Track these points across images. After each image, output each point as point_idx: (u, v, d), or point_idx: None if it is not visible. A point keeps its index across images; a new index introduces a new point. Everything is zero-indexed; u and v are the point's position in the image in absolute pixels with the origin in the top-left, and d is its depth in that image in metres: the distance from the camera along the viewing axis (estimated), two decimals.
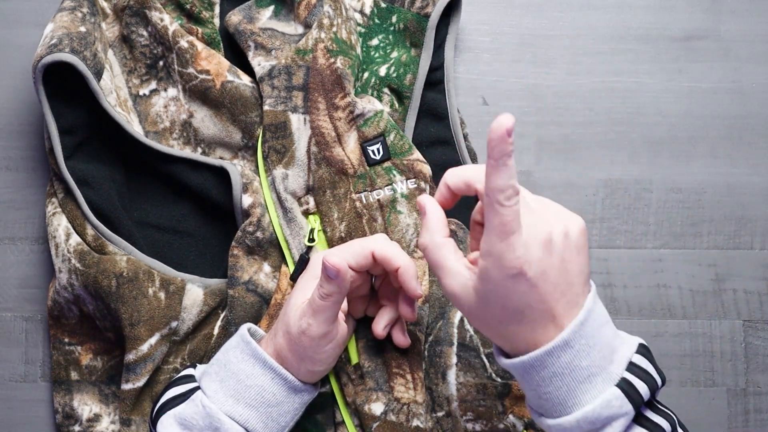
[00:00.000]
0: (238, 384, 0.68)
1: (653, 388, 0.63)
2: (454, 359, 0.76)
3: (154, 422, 0.69)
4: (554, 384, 0.62)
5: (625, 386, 0.62)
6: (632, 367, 0.63)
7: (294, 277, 0.75)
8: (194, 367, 0.72)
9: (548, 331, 0.62)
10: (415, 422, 0.73)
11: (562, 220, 0.62)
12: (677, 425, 0.64)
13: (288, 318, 0.68)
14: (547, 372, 0.62)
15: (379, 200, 0.76)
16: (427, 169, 0.77)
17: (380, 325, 0.73)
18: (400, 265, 0.70)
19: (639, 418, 0.63)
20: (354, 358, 0.74)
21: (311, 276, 0.71)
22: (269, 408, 0.68)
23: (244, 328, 0.71)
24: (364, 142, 0.76)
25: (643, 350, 0.64)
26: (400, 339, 0.74)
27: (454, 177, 0.65)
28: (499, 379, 0.75)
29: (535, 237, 0.60)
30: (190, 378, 0.70)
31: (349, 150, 0.76)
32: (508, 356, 0.64)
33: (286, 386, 0.69)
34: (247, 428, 0.67)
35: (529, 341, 0.62)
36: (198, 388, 0.69)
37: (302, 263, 0.74)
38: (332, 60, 0.76)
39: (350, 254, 0.70)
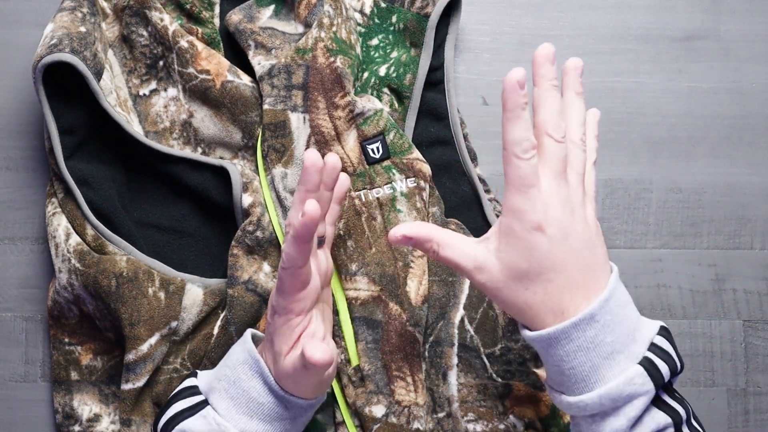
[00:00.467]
0: (250, 401, 0.67)
1: (674, 371, 0.63)
2: (455, 360, 0.76)
3: None
4: (578, 359, 0.62)
5: (647, 365, 0.62)
6: (654, 348, 0.63)
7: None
8: (195, 375, 0.71)
9: (573, 304, 0.62)
10: (416, 425, 0.73)
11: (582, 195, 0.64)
12: (691, 415, 0.64)
13: (279, 366, 0.67)
14: (572, 346, 0.62)
15: (378, 198, 0.76)
16: (426, 168, 0.77)
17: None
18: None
19: (657, 401, 0.63)
20: (354, 360, 0.74)
21: (276, 324, 0.68)
22: (283, 421, 0.68)
23: (249, 338, 0.69)
24: (363, 141, 0.76)
25: (664, 332, 0.65)
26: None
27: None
28: (499, 380, 0.75)
29: (556, 197, 0.62)
30: (194, 390, 0.70)
31: (349, 148, 0.76)
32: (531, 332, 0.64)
33: (290, 404, 0.68)
34: None
35: (556, 311, 0.62)
36: (205, 401, 0.68)
37: None
38: (332, 59, 0.76)
39: (294, 288, 0.67)
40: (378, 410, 0.73)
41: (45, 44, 0.74)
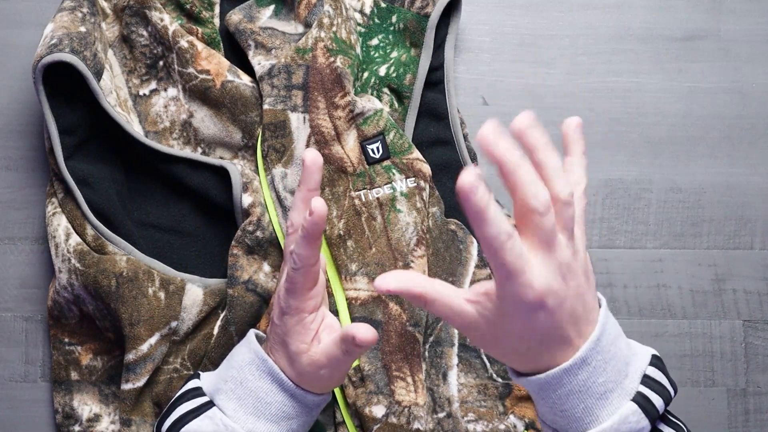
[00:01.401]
0: (258, 402, 0.67)
1: (667, 400, 0.62)
2: (455, 360, 0.76)
3: None
4: (571, 401, 0.61)
5: (641, 400, 0.61)
6: (647, 380, 0.62)
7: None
8: (197, 376, 0.71)
9: (566, 352, 0.60)
10: (416, 425, 0.73)
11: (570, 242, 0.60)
12: None
13: (296, 367, 0.67)
14: (564, 390, 0.61)
15: (378, 198, 0.76)
16: (426, 168, 0.77)
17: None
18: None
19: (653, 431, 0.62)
20: (354, 361, 0.74)
21: (290, 324, 0.68)
22: (289, 421, 0.68)
23: (253, 338, 0.69)
24: (363, 141, 0.76)
25: (656, 361, 0.64)
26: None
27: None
28: (500, 380, 0.75)
29: (549, 269, 0.57)
30: (199, 391, 0.69)
31: (349, 148, 0.76)
32: (521, 374, 0.62)
33: (305, 401, 0.68)
34: None
35: (548, 361, 0.61)
36: (210, 403, 0.68)
37: None
38: (332, 59, 0.76)
39: (305, 287, 0.67)
40: (378, 410, 0.73)
41: (45, 44, 0.74)
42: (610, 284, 0.81)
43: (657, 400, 0.62)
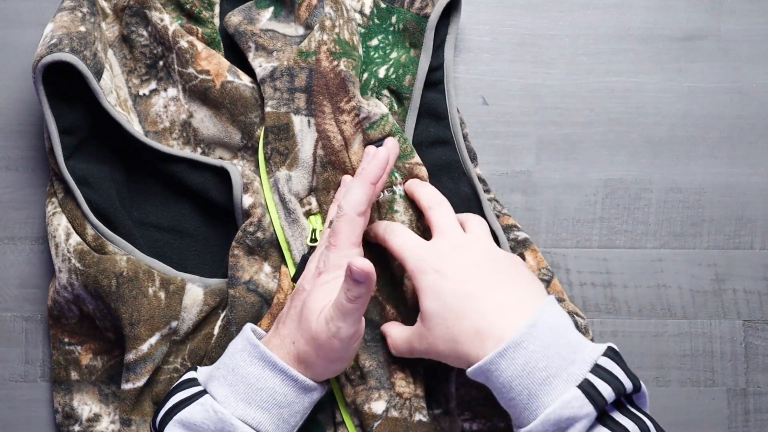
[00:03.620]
0: (249, 388, 0.68)
1: (619, 391, 0.63)
2: None
3: (160, 428, 0.68)
4: (515, 388, 0.64)
5: (586, 386, 0.63)
6: (597, 369, 0.64)
7: (296, 278, 0.74)
8: (195, 369, 0.72)
9: (488, 324, 0.66)
10: (418, 416, 0.73)
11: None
12: (650, 430, 0.63)
13: (311, 324, 0.67)
14: (505, 376, 0.64)
15: (378, 201, 0.76)
16: (424, 173, 0.77)
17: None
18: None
19: (604, 419, 0.63)
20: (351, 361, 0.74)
21: (323, 280, 0.70)
22: (281, 409, 0.68)
23: (248, 329, 0.70)
24: (368, 144, 0.76)
25: (611, 353, 0.65)
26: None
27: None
28: None
29: (438, 244, 0.71)
30: (193, 382, 0.70)
31: (353, 152, 0.76)
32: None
33: (296, 386, 0.68)
34: (260, 431, 0.67)
35: (474, 336, 0.66)
36: (203, 392, 0.69)
37: (304, 263, 0.74)
38: (335, 62, 0.76)
39: (349, 240, 0.70)
40: (378, 406, 0.73)
41: (45, 44, 0.74)
42: (610, 284, 0.81)
43: (605, 389, 0.63)
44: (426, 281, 0.69)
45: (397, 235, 0.72)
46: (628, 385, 0.64)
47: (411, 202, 0.76)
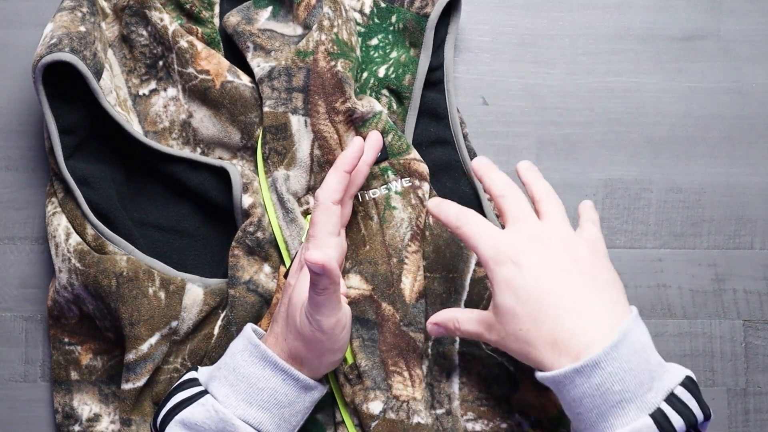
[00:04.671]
0: (250, 387, 0.68)
1: (690, 423, 0.62)
2: (457, 359, 0.76)
3: (161, 429, 0.68)
4: (585, 405, 0.62)
5: (659, 417, 0.61)
6: (672, 399, 0.62)
7: (288, 274, 0.75)
8: (195, 369, 0.72)
9: (566, 332, 0.64)
10: (416, 419, 0.73)
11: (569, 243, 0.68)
12: None
13: (296, 320, 0.68)
14: (578, 392, 0.62)
15: (374, 199, 0.76)
16: (423, 168, 0.77)
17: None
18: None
19: None
20: (349, 359, 0.74)
21: (305, 273, 0.70)
22: (282, 409, 0.68)
23: (249, 329, 0.70)
24: None
25: (688, 383, 0.63)
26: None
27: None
28: (511, 368, 0.75)
29: (519, 236, 0.68)
30: (194, 382, 0.70)
31: None
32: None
33: (297, 386, 0.69)
34: (261, 431, 0.67)
35: (551, 342, 0.64)
36: (204, 392, 0.69)
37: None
38: (333, 63, 0.76)
39: (325, 230, 0.70)
40: (375, 406, 0.73)
41: (45, 44, 0.74)
42: None
43: (677, 421, 0.61)
44: (501, 273, 0.66)
45: (470, 221, 0.69)
46: (699, 417, 0.63)
47: (409, 198, 0.76)
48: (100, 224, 0.76)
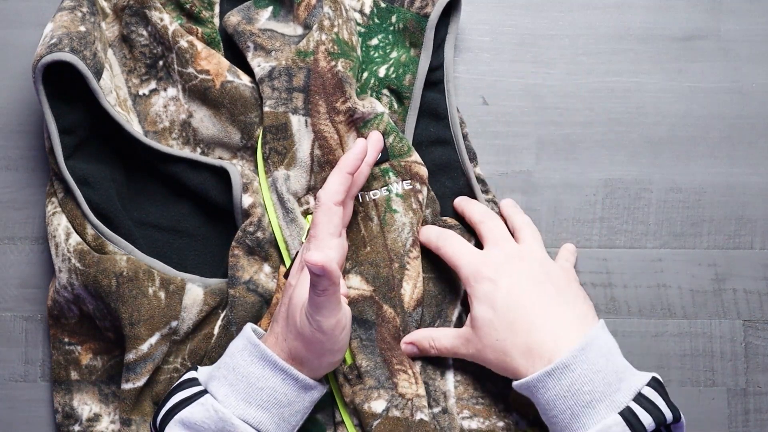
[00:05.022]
0: (249, 387, 0.68)
1: (659, 421, 0.65)
2: (451, 360, 0.76)
3: (160, 428, 0.68)
4: (558, 407, 0.66)
5: (628, 414, 0.65)
6: (640, 398, 0.66)
7: (288, 274, 0.74)
8: (195, 369, 0.72)
9: (538, 342, 0.68)
10: (419, 415, 0.73)
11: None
12: None
13: (296, 320, 0.68)
14: (550, 394, 0.66)
15: (374, 200, 0.76)
16: (424, 171, 0.77)
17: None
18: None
19: None
20: (348, 359, 0.74)
21: (306, 273, 0.70)
22: (281, 408, 0.68)
23: (249, 329, 0.70)
24: None
25: (654, 384, 0.67)
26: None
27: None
28: None
29: (492, 252, 0.73)
30: (194, 382, 0.70)
31: (347, 150, 0.76)
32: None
33: (297, 386, 0.69)
34: (260, 430, 0.67)
35: (525, 352, 0.69)
36: (204, 391, 0.69)
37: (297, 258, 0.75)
38: (333, 63, 0.76)
39: (326, 230, 0.70)
40: (378, 405, 0.73)
41: (45, 44, 0.74)
42: (610, 284, 0.81)
43: (645, 418, 0.65)
44: (480, 289, 0.71)
45: (452, 243, 0.74)
46: (668, 416, 0.66)
47: (410, 202, 0.76)
48: (100, 224, 0.76)
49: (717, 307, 0.82)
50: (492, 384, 0.76)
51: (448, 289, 0.77)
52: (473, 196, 0.79)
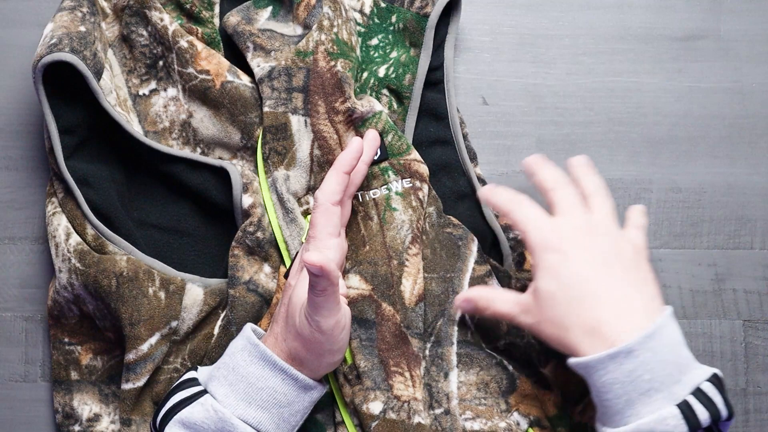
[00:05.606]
0: (249, 387, 0.68)
1: (715, 418, 0.64)
2: (455, 360, 0.76)
3: (160, 428, 0.68)
4: (614, 391, 0.65)
5: (684, 408, 0.64)
6: (698, 393, 0.65)
7: (288, 274, 0.74)
8: (195, 369, 0.72)
9: (604, 322, 0.66)
10: (417, 419, 0.73)
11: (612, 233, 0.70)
12: None
13: (295, 320, 0.68)
14: (609, 377, 0.65)
15: (374, 199, 0.76)
16: (424, 169, 0.77)
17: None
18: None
19: None
20: (348, 359, 0.74)
21: (305, 274, 0.70)
22: (281, 409, 0.68)
23: (248, 329, 0.70)
24: None
25: (715, 380, 0.66)
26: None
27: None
28: (510, 367, 0.75)
29: (561, 221, 0.70)
30: (194, 382, 0.70)
31: None
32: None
33: (296, 386, 0.69)
34: (260, 431, 0.67)
35: (588, 330, 0.66)
36: (204, 391, 0.69)
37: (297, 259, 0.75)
38: (332, 63, 0.76)
39: (325, 231, 0.70)
40: (375, 406, 0.73)
41: (45, 44, 0.74)
42: None
43: (702, 413, 0.64)
44: (546, 260, 0.69)
45: (522, 208, 0.72)
46: (723, 413, 0.65)
47: (410, 200, 0.76)
48: (100, 224, 0.76)
49: (717, 307, 0.82)
50: (495, 385, 0.75)
51: (452, 288, 0.76)
52: (475, 196, 0.79)
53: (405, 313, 0.74)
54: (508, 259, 0.79)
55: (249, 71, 0.79)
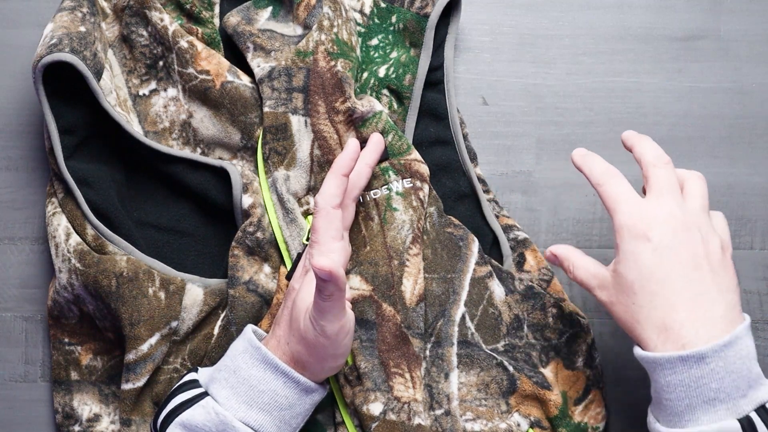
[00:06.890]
0: (251, 389, 0.68)
1: None
2: (455, 361, 0.76)
3: (161, 430, 0.68)
4: (677, 393, 0.64)
5: (746, 424, 0.62)
6: (762, 411, 0.63)
7: (290, 277, 0.74)
8: (195, 371, 0.72)
9: (677, 323, 0.64)
10: (417, 420, 0.73)
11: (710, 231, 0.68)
12: None
13: (299, 324, 0.68)
14: (675, 378, 0.64)
15: (375, 199, 0.76)
16: (424, 169, 0.77)
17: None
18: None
19: None
20: (349, 360, 0.74)
21: (310, 277, 0.70)
22: (282, 411, 0.68)
23: (249, 331, 0.70)
24: (362, 143, 0.76)
25: None
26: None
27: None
28: (510, 368, 0.75)
29: (660, 212, 0.67)
30: (195, 383, 0.70)
31: None
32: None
33: (298, 389, 0.69)
34: None
35: (660, 327, 0.65)
36: (205, 394, 0.69)
37: (298, 262, 0.75)
38: (332, 63, 0.76)
39: (328, 235, 0.70)
40: (375, 407, 0.73)
41: (45, 44, 0.74)
42: None
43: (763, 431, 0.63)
44: (632, 245, 0.67)
45: (615, 183, 0.69)
46: None
47: (410, 200, 0.76)
48: (100, 224, 0.76)
49: None
50: (496, 386, 0.75)
51: (452, 289, 0.76)
52: (476, 197, 0.79)
53: (405, 313, 0.74)
54: (508, 259, 0.79)
55: (249, 71, 0.79)
